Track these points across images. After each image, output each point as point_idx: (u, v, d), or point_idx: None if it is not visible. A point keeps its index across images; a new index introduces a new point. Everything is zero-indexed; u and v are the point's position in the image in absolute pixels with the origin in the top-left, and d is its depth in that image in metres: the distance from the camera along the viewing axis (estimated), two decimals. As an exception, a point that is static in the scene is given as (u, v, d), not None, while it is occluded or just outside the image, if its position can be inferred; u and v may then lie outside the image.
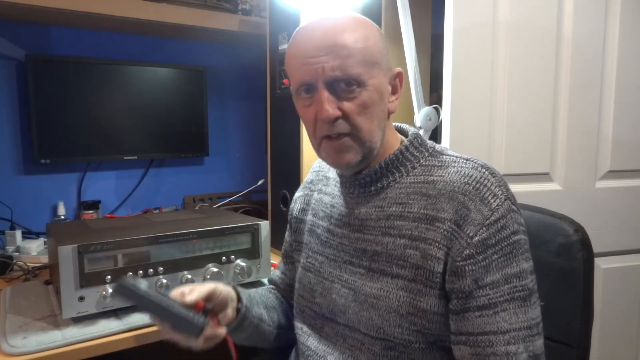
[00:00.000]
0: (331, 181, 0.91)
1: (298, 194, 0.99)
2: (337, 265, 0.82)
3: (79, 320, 1.01)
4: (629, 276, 1.42)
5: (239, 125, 2.04)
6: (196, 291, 0.74)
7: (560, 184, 1.35)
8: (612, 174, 1.38)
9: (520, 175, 1.30)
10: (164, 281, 1.08)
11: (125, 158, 1.72)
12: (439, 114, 1.32)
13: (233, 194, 1.97)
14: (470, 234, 0.69)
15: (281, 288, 1.01)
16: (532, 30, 1.28)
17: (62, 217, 1.62)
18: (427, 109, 1.32)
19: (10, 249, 1.48)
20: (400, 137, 0.83)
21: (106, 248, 1.03)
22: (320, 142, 0.76)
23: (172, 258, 1.11)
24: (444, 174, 0.75)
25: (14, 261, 1.37)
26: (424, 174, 0.77)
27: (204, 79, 1.85)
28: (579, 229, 0.87)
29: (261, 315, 0.89)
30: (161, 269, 1.09)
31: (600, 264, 1.37)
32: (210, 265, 1.15)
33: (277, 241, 1.38)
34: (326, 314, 0.82)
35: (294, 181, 1.46)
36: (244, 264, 1.20)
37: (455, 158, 0.77)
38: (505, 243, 0.69)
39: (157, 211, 1.79)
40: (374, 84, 0.73)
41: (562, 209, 0.95)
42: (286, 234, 1.01)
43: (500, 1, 1.26)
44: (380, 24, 1.48)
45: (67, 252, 0.98)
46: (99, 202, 1.70)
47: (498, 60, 1.27)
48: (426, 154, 0.80)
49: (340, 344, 0.80)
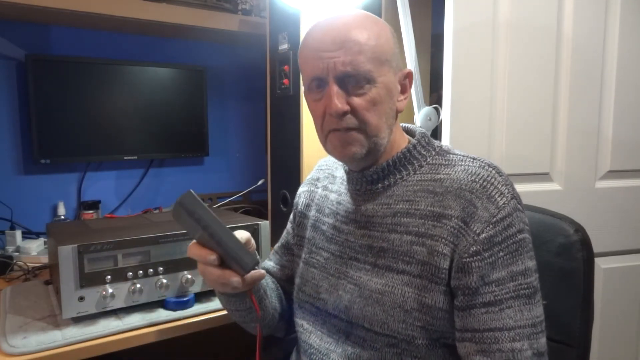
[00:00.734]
0: (338, 179, 0.91)
1: (302, 189, 0.99)
2: (342, 262, 0.82)
3: (79, 320, 1.01)
4: (629, 276, 1.42)
5: (239, 125, 2.04)
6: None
7: (560, 184, 1.35)
8: (612, 174, 1.38)
9: (520, 175, 1.30)
10: (164, 281, 1.08)
11: (125, 158, 1.72)
12: (439, 114, 1.32)
13: (233, 194, 1.97)
14: (477, 231, 0.69)
15: (278, 277, 1.00)
16: (532, 30, 1.28)
17: (62, 217, 1.62)
18: (427, 109, 1.32)
19: (10, 249, 1.48)
20: (407, 136, 0.84)
21: (106, 248, 1.03)
22: (327, 136, 0.78)
23: (172, 258, 1.11)
24: (451, 172, 0.76)
25: (14, 261, 1.37)
26: (431, 172, 0.78)
27: (204, 79, 1.85)
28: (579, 229, 0.87)
29: (266, 289, 0.90)
30: (161, 269, 1.09)
31: (600, 264, 1.37)
32: (210, 265, 1.15)
33: (277, 241, 1.37)
34: (330, 310, 0.82)
35: (294, 181, 1.46)
36: (244, 264, 1.19)
37: (462, 157, 0.79)
38: (511, 241, 0.70)
39: (157, 211, 1.79)
40: (383, 82, 0.74)
41: (562, 209, 0.95)
42: (288, 225, 1.01)
43: (500, 1, 1.26)
44: (380, 24, 1.47)
45: (67, 252, 0.98)
46: (99, 202, 1.70)
47: (498, 60, 1.27)
48: (433, 152, 0.81)
49: (342, 340, 0.80)
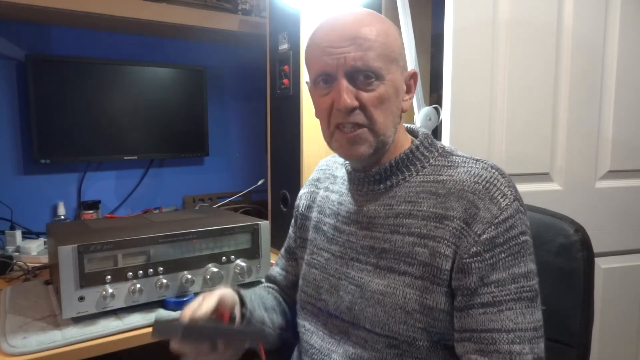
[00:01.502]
0: (339, 179, 0.91)
1: (303, 190, 0.99)
2: (343, 262, 0.82)
3: (79, 320, 1.01)
4: (629, 276, 1.42)
5: (239, 125, 2.04)
6: (204, 306, 0.73)
7: (560, 184, 1.35)
8: (612, 174, 1.38)
9: (520, 175, 1.30)
10: (164, 281, 1.08)
11: (125, 158, 1.72)
12: (439, 114, 1.32)
13: (233, 194, 1.97)
14: (478, 232, 0.69)
15: (282, 285, 1.00)
16: (532, 30, 1.28)
17: (62, 217, 1.62)
18: (427, 109, 1.32)
19: (10, 249, 1.48)
20: (410, 137, 0.84)
21: (106, 248, 1.03)
22: (333, 132, 0.77)
23: (172, 258, 1.11)
24: (453, 174, 0.76)
25: (14, 261, 1.37)
26: (433, 173, 0.78)
27: (204, 79, 1.85)
28: (579, 229, 0.87)
29: (263, 319, 0.89)
30: (161, 269, 1.09)
31: (600, 264, 1.37)
32: (210, 265, 1.15)
33: (277, 241, 1.38)
34: (331, 310, 0.82)
35: (294, 181, 1.46)
36: (244, 264, 1.20)
37: (465, 159, 0.78)
38: (513, 242, 0.70)
39: (157, 211, 1.79)
40: (391, 79, 0.74)
41: (562, 209, 0.95)
42: (290, 230, 1.01)
43: (500, 1, 1.26)
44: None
45: (67, 252, 0.98)
46: (99, 202, 1.70)
47: (498, 60, 1.27)
48: (436, 154, 0.81)
49: (344, 341, 0.80)
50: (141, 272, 1.06)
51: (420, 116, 1.32)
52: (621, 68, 1.35)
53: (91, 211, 1.66)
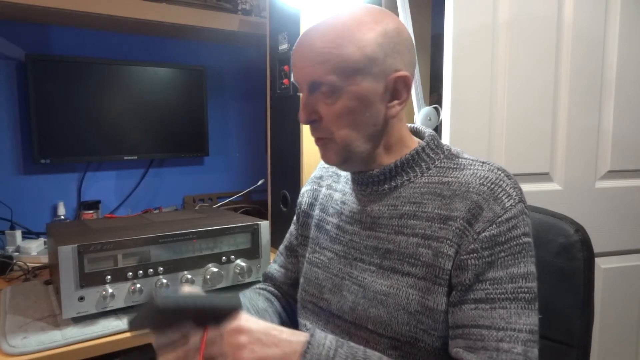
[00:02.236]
0: (342, 178, 0.91)
1: (305, 188, 0.99)
2: (347, 262, 0.82)
3: (79, 320, 1.01)
4: (629, 276, 1.42)
5: (239, 125, 2.04)
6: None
7: (560, 184, 1.35)
8: (612, 174, 1.38)
9: (520, 175, 1.30)
10: (164, 281, 1.08)
11: (125, 158, 1.72)
12: (439, 114, 1.32)
13: (233, 194, 1.97)
14: (477, 230, 0.69)
15: (280, 282, 0.99)
16: (532, 31, 1.28)
17: (62, 217, 1.62)
18: (427, 109, 1.32)
19: (10, 249, 1.48)
20: (416, 138, 0.83)
21: (106, 248, 1.03)
22: None
23: (172, 258, 1.11)
24: (459, 176, 0.75)
25: (14, 261, 1.37)
26: (438, 175, 0.78)
27: (204, 79, 1.85)
28: (579, 229, 0.87)
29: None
30: (161, 269, 1.09)
31: (600, 264, 1.37)
32: (210, 265, 1.15)
33: (277, 241, 1.37)
34: (333, 310, 0.82)
35: (294, 181, 1.46)
36: (244, 264, 1.20)
37: (471, 161, 0.78)
38: (515, 242, 0.69)
39: (157, 211, 1.79)
40: (354, 91, 0.72)
41: (562, 209, 0.95)
42: (291, 227, 1.01)
43: (501, 1, 1.26)
44: (380, 24, 1.47)
45: (67, 252, 0.98)
46: (99, 202, 1.70)
47: (498, 60, 1.27)
48: (442, 155, 0.80)
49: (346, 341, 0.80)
50: (141, 272, 1.06)
51: (420, 116, 1.32)
52: (621, 68, 1.35)
53: (91, 211, 1.66)
